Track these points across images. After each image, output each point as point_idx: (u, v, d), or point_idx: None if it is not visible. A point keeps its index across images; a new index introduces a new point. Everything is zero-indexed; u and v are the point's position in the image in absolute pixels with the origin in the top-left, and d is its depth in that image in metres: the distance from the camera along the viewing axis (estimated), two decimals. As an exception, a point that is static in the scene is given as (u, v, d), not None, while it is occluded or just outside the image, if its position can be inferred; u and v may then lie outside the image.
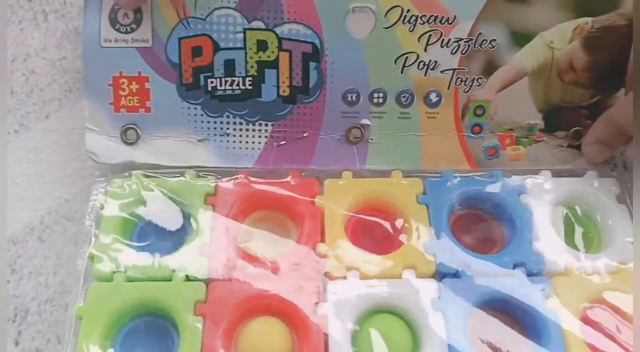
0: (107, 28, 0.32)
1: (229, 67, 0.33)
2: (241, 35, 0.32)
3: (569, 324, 0.28)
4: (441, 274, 0.30)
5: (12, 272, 0.31)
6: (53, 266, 0.32)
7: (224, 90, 0.33)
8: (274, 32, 0.32)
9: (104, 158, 0.32)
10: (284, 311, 0.28)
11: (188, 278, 0.29)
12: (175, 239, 0.30)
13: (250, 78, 0.33)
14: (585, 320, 0.29)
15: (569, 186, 0.33)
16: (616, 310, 0.29)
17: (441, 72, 0.33)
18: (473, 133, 0.33)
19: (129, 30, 0.32)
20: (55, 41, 0.39)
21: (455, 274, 0.29)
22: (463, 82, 0.33)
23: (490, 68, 0.33)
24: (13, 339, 0.30)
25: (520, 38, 0.33)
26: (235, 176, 0.32)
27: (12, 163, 0.35)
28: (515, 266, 0.30)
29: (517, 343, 0.28)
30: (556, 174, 0.33)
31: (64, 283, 0.31)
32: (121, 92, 0.33)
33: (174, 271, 0.29)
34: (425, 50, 0.32)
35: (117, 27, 0.32)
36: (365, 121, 0.33)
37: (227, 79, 0.33)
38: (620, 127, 0.31)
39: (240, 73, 0.33)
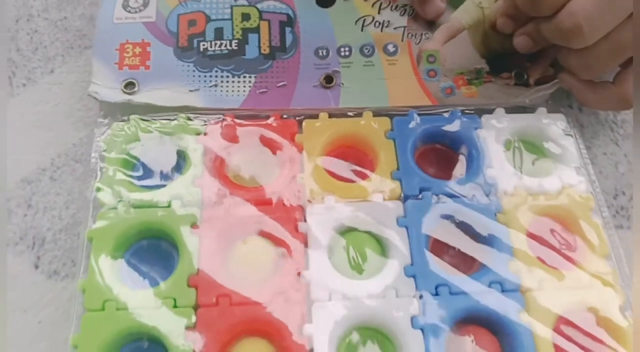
0: (119, 10, 0.39)
1: (218, 33, 0.39)
2: (229, 10, 0.39)
3: (518, 239, 0.33)
4: (406, 197, 0.34)
5: (28, 208, 0.35)
6: (65, 201, 0.36)
7: (214, 50, 0.38)
8: (256, 7, 0.40)
9: (105, 98, 0.36)
10: (271, 230, 0.32)
11: (184, 205, 0.33)
12: (170, 173, 0.34)
13: (236, 41, 0.38)
14: (531, 235, 0.34)
15: (520, 121, 0.37)
16: (559, 220, 0.34)
17: (394, 29, 0.39)
18: (429, 76, 0.38)
19: (138, 10, 0.39)
20: (55, 2, 0.42)
21: (418, 196, 0.34)
22: (413, 36, 0.39)
23: (434, 25, 0.39)
24: (32, 263, 0.34)
25: (456, 2, 0.40)
26: (223, 118, 0.36)
27: (22, 113, 0.38)
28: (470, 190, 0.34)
29: (471, 249, 0.32)
30: (510, 111, 0.37)
31: (75, 215, 0.35)
32: (125, 55, 0.38)
33: (171, 199, 0.33)
34: (378, 13, 0.39)
35: (127, 9, 0.39)
36: (335, 68, 0.37)
37: (216, 41, 0.38)
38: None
39: (227, 37, 0.38)
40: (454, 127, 0.36)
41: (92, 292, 0.30)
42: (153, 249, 0.32)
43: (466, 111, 0.37)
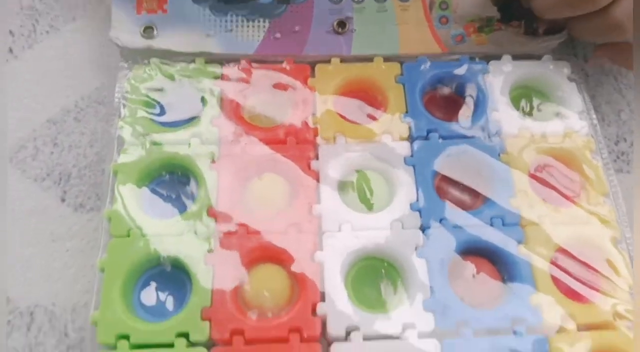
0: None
1: (233, -24, 0.39)
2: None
3: (520, 178, 0.34)
4: (413, 138, 0.35)
5: (54, 146, 0.37)
6: (89, 140, 0.38)
7: (229, -5, 0.39)
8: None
9: (126, 44, 0.38)
10: (284, 167, 0.34)
11: (202, 140, 0.34)
12: (189, 113, 0.36)
13: (251, -13, 0.39)
14: (534, 177, 0.35)
15: (526, 67, 0.38)
16: (561, 161, 0.35)
17: (407, -25, 0.39)
18: (441, 23, 0.39)
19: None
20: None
21: (426, 137, 0.35)
22: (427, -18, 0.39)
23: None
24: (59, 197, 0.36)
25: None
26: (238, 63, 0.37)
27: (46, 59, 0.40)
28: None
29: (474, 186, 0.34)
30: (516, 58, 0.39)
31: (99, 153, 0.37)
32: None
33: (191, 137, 0.34)
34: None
35: None
36: (349, 14, 0.38)
37: (231, -15, 0.38)
38: None
39: (242, -20, 0.38)
40: (461, 71, 0.37)
41: (118, 220, 0.32)
42: (174, 182, 0.34)
43: (475, 58, 0.38)
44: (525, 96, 0.38)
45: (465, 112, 0.37)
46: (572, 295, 0.32)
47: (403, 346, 0.29)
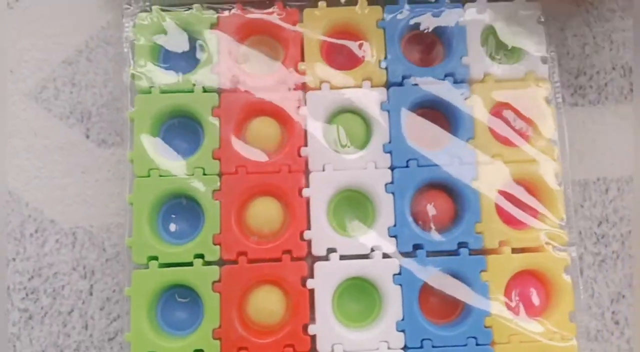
0: None
1: None
2: None
3: (481, 116, 0.40)
4: (390, 83, 0.40)
5: (72, 86, 0.42)
6: (103, 80, 0.42)
7: None
8: None
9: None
10: (276, 112, 0.39)
11: (204, 89, 0.39)
12: (190, 59, 0.40)
13: None
14: (495, 114, 0.40)
15: (499, 10, 0.41)
16: (517, 105, 0.40)
17: None
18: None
19: None
20: None
21: (401, 83, 0.40)
22: None
23: None
24: (84, 134, 0.42)
25: None
26: (231, 7, 0.40)
27: (49, 3, 0.43)
28: (445, 76, 0.40)
29: (439, 129, 0.40)
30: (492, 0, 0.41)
31: (113, 93, 0.42)
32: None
33: (194, 84, 0.39)
34: None
35: None
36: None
37: None
38: None
39: None
40: (438, 15, 0.41)
41: (139, 161, 0.38)
42: (182, 126, 0.40)
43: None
44: (494, 39, 0.42)
45: (438, 56, 0.41)
46: (512, 222, 0.39)
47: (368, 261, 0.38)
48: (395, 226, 0.38)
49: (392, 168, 0.39)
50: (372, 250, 0.38)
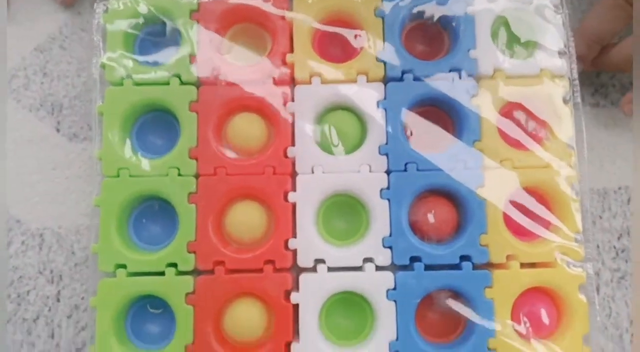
0: None
1: None
2: None
3: (489, 115, 0.36)
4: (388, 78, 0.36)
5: (44, 76, 0.39)
6: (76, 69, 0.39)
7: None
8: None
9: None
10: (260, 108, 0.36)
11: (181, 82, 0.35)
12: (167, 49, 0.37)
13: None
14: (505, 114, 0.36)
15: (511, 1, 0.37)
16: (530, 106, 0.36)
17: None
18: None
19: None
20: None
21: (400, 78, 0.36)
22: None
23: None
24: (54, 127, 0.38)
25: None
26: (215, -5, 0.37)
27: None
28: (450, 71, 0.36)
29: (443, 130, 0.36)
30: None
31: (86, 83, 0.39)
32: None
33: (171, 76, 0.35)
34: None
35: None
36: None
37: None
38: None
39: None
40: (444, 5, 0.37)
41: (108, 160, 0.35)
42: (157, 121, 0.36)
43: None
44: (506, 30, 0.38)
45: (444, 48, 0.37)
46: (521, 233, 0.35)
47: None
48: (390, 235, 0.34)
49: (388, 172, 0.35)
50: (365, 262, 0.34)
